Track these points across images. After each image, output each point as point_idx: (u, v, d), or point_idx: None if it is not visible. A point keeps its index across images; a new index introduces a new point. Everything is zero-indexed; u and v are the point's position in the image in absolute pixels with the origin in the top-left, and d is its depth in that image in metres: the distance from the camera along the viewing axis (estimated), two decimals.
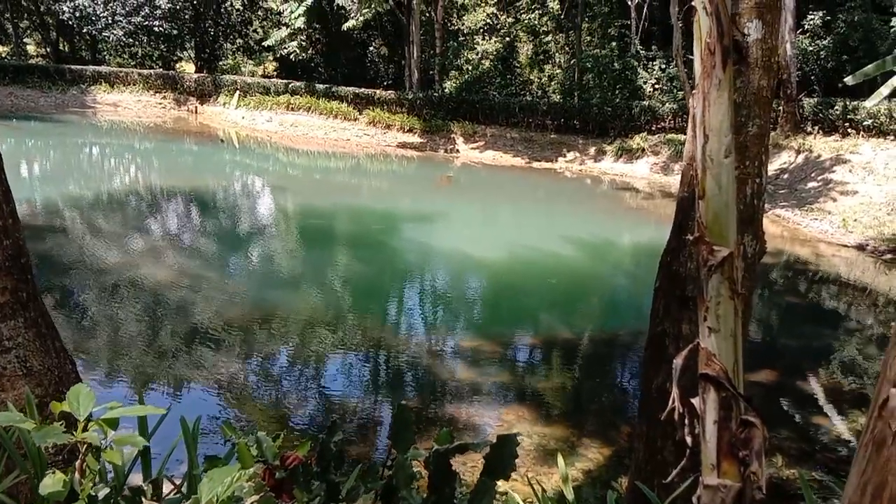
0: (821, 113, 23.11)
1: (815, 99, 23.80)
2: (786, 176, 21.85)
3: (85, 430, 1.09)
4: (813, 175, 21.02)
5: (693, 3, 1.36)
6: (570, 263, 14.64)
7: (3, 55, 42.93)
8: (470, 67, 33.83)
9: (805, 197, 20.04)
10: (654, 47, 29.45)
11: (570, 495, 2.18)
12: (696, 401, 1.41)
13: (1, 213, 2.77)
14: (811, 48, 24.95)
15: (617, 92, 28.45)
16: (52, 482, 1.04)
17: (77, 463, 1.15)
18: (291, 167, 27.20)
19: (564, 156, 28.02)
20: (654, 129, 27.06)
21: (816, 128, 23.20)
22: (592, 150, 27.72)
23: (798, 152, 22.39)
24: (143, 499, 1.23)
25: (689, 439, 1.48)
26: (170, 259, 12.77)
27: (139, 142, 29.74)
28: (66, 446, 1.36)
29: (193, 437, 2.05)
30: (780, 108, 23.59)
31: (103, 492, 1.10)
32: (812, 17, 25.02)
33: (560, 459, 2.61)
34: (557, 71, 32.67)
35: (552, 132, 29.10)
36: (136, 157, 26.52)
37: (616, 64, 28.88)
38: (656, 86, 28.63)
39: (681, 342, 2.98)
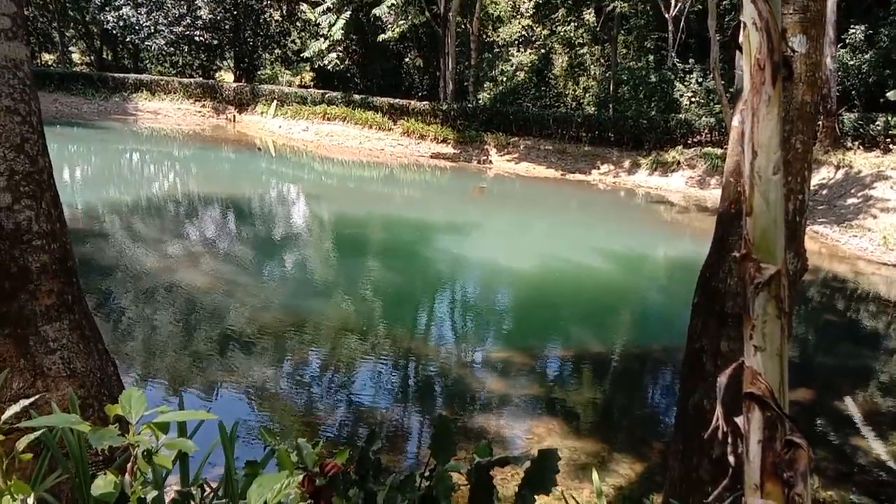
0: (861, 128, 22.66)
1: (856, 114, 23.35)
2: (825, 192, 21.44)
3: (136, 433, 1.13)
4: (853, 191, 20.60)
5: (742, 18, 1.35)
6: (602, 276, 14.52)
7: (50, 63, 44.11)
8: (505, 79, 33.89)
9: (844, 213, 19.63)
10: (690, 60, 29.20)
11: None
12: (739, 420, 1.39)
13: (49, 218, 2.85)
14: (852, 62, 24.50)
15: (653, 105, 28.25)
16: (103, 483, 1.07)
17: (129, 465, 1.18)
18: (326, 176, 27.46)
19: (598, 168, 27.86)
20: (690, 142, 26.79)
21: (857, 143, 22.75)
22: (627, 163, 27.52)
23: (837, 168, 21.98)
24: (192, 502, 1.26)
25: (731, 459, 1.46)
26: (207, 264, 12.96)
27: (178, 149, 30.30)
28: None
29: (231, 441, 2.08)
30: (820, 122, 23.20)
31: (152, 495, 1.12)
32: (854, 30, 24.58)
33: (594, 474, 2.59)
34: (592, 83, 32.56)
35: (586, 144, 28.97)
36: (175, 164, 27.02)
37: (652, 76, 28.69)
38: (693, 99, 28.36)
39: (719, 360, 2.93)
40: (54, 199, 2.94)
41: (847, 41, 24.67)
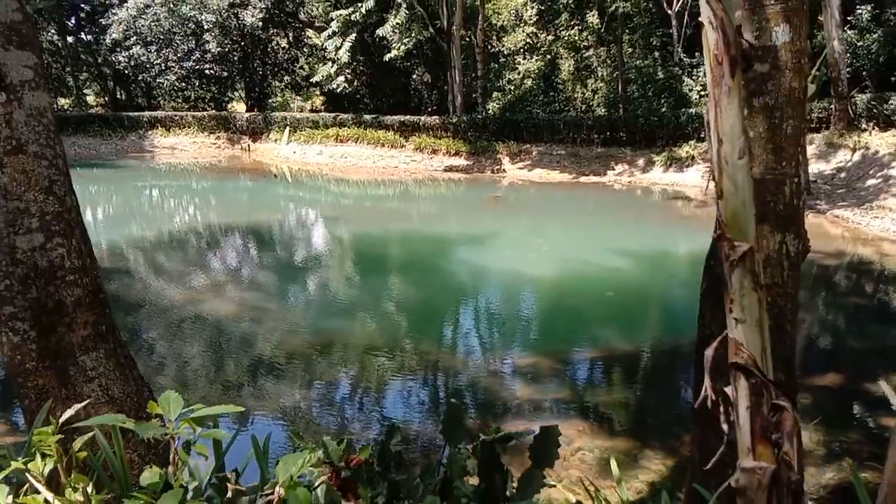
0: (875, 109, 22.47)
1: (868, 95, 23.16)
2: (843, 175, 21.27)
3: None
4: (871, 173, 20.41)
5: (700, 19, 1.47)
6: (624, 276, 14.54)
7: (66, 107, 45.10)
8: (512, 87, 34.07)
9: (864, 195, 19.46)
10: (697, 54, 29.17)
11: (624, 496, 2.25)
12: (728, 389, 1.49)
13: (80, 254, 3.02)
14: (861, 43, 24.33)
15: (662, 101, 28.25)
16: (149, 475, 1.20)
17: (171, 456, 1.31)
18: (343, 197, 27.75)
19: (612, 169, 27.87)
20: (702, 136, 26.71)
21: (871, 124, 22.56)
22: (641, 162, 27.51)
23: (854, 150, 21.79)
24: (229, 485, 1.38)
25: (724, 427, 1.56)
26: (233, 293, 13.18)
27: (196, 181, 30.79)
28: (152, 451, 1.51)
29: (264, 453, 2.21)
30: (832, 106, 23.04)
31: (193, 484, 1.24)
32: (860, 10, 24.43)
33: (613, 463, 2.68)
34: (600, 84, 32.62)
35: (599, 146, 29.01)
36: (195, 197, 27.48)
37: (660, 73, 28.70)
38: (702, 92, 28.31)
39: (727, 343, 3.01)
40: (83, 235, 3.11)
41: (854, 23, 24.52)
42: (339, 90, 37.16)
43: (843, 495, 5.98)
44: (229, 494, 1.40)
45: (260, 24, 39.68)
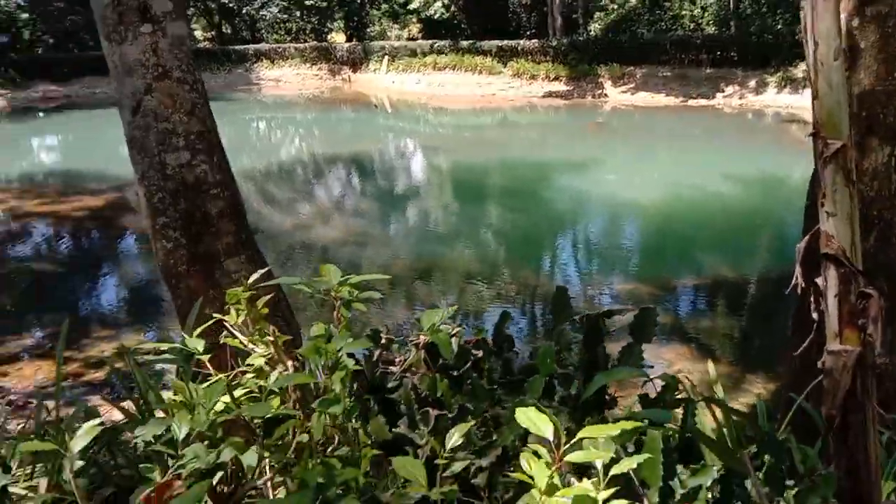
0: None
1: None
2: None
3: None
4: None
5: None
6: (735, 202, 14.13)
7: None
8: (616, 6, 32.70)
9: None
10: None
11: (719, 393, 2.39)
12: (819, 279, 1.60)
13: (221, 169, 3.37)
14: None
15: (777, 18, 26.39)
16: (317, 328, 1.47)
17: (335, 314, 1.59)
18: (441, 126, 27.90)
19: (722, 91, 26.55)
20: None
21: None
22: (753, 83, 26.04)
23: None
24: (381, 337, 1.66)
25: (814, 315, 1.68)
26: (339, 219, 13.79)
27: (301, 113, 31.69)
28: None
29: None
30: None
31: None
32: None
33: (710, 365, 2.81)
34: (711, 1, 30.79)
35: (708, 67, 27.61)
36: (299, 128, 28.38)
37: None
38: None
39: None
40: (222, 153, 3.46)
41: None
42: (436, 16, 36.82)
43: None
44: (383, 340, 1.68)
45: None
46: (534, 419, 1.05)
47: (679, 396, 1.58)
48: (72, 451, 1.39)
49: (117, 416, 3.26)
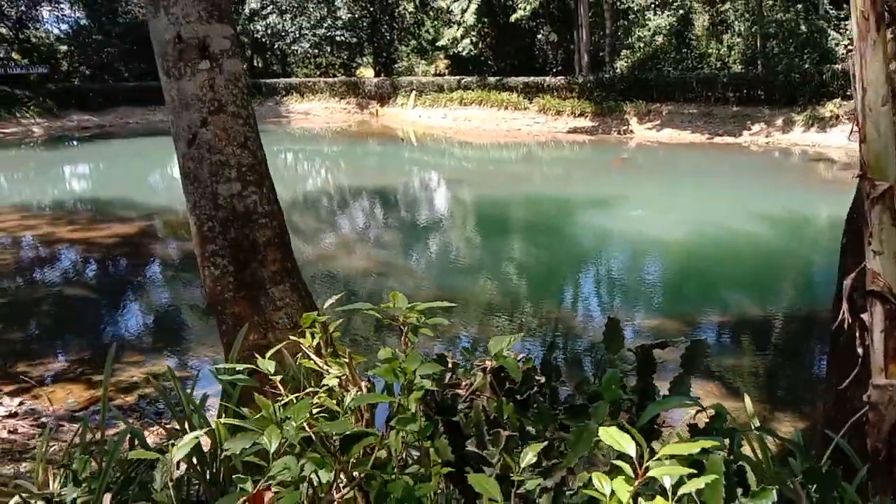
0: None
1: None
2: None
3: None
4: None
5: None
6: (760, 241, 14.05)
7: None
8: (642, 45, 32.99)
9: None
10: (845, 6, 27.01)
11: (755, 424, 2.41)
12: (865, 315, 1.64)
13: (269, 200, 3.49)
14: None
15: (805, 57, 26.45)
16: (384, 352, 1.54)
17: (402, 339, 1.66)
18: (466, 160, 28.15)
19: (749, 129, 26.56)
20: (848, 93, 24.87)
21: None
22: (779, 121, 26.03)
23: None
24: (447, 357, 1.73)
25: (860, 350, 1.72)
26: (363, 250, 13.92)
27: (328, 146, 32.17)
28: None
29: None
30: None
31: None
32: None
33: (747, 399, 2.83)
34: (737, 40, 30.97)
35: (734, 105, 27.68)
36: (326, 160, 28.79)
37: (802, 27, 26.87)
38: (850, 47, 26.25)
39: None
40: (271, 185, 3.58)
41: None
42: (464, 53, 37.38)
43: None
44: (450, 364, 1.74)
45: None
46: (616, 437, 1.12)
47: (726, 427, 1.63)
48: (171, 460, 1.47)
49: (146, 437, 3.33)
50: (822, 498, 1.42)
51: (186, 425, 3.10)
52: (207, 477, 2.95)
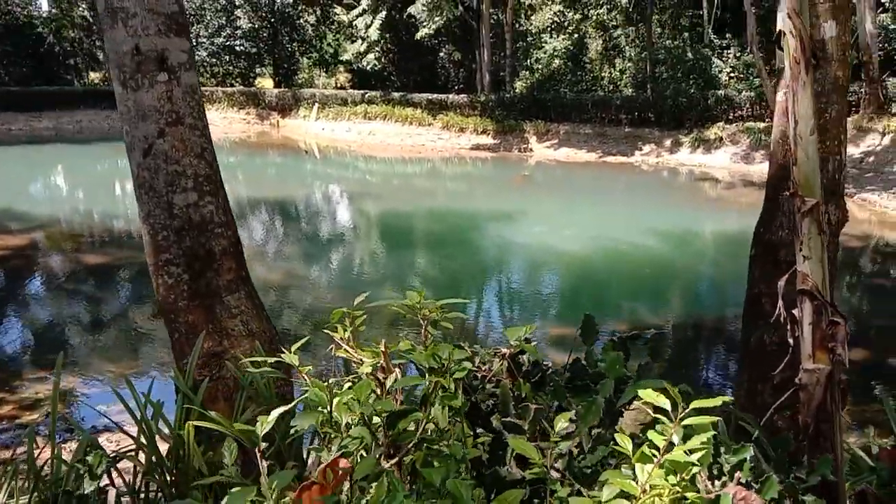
0: None
1: None
2: (871, 159, 21.40)
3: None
4: None
5: (779, 27, 1.92)
6: (652, 254, 14.92)
7: (96, 82, 45.72)
8: (540, 66, 34.24)
9: (893, 180, 19.61)
10: (727, 35, 29.17)
11: None
12: (795, 311, 1.95)
13: (225, 210, 3.54)
14: (894, 26, 24.27)
15: (691, 82, 28.30)
16: (404, 345, 1.70)
17: (422, 332, 1.83)
18: (371, 174, 28.25)
19: (640, 149, 28.08)
20: (731, 117, 26.84)
21: None
22: (668, 143, 27.69)
23: (883, 134, 21.88)
24: (464, 345, 1.92)
25: (791, 340, 2.03)
26: (261, 264, 13.72)
27: (227, 156, 31.36)
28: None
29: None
30: (863, 90, 23.04)
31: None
32: None
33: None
34: (629, 64, 32.71)
35: (626, 126, 29.21)
36: (224, 171, 28.06)
37: (689, 54, 28.76)
38: (732, 74, 28.34)
39: (774, 299, 3.48)
40: (225, 195, 3.63)
41: (887, 5, 24.44)
42: (368, 67, 37.51)
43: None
44: (468, 353, 1.92)
45: (290, 0, 40.06)
46: (652, 395, 1.34)
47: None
48: (258, 435, 1.57)
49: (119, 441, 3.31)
50: (779, 456, 1.70)
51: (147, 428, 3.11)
52: (168, 480, 2.98)
